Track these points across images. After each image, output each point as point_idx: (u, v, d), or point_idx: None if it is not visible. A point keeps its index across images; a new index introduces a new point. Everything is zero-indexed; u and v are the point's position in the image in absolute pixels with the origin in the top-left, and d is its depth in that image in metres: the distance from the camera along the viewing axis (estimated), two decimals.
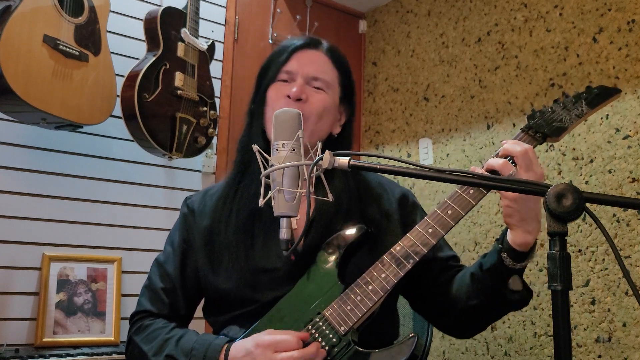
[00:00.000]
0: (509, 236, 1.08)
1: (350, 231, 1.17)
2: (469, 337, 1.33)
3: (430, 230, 1.09)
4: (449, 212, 1.09)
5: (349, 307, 1.08)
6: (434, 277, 1.26)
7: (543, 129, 1.15)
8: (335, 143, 1.29)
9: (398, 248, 1.10)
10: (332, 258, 1.15)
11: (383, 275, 1.08)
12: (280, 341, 1.03)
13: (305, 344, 1.05)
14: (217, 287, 1.21)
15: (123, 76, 2.03)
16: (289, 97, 1.21)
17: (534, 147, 1.14)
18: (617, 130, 1.94)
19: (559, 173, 2.10)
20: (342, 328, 1.07)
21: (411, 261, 1.08)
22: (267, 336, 1.05)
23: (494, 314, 1.19)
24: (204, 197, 1.32)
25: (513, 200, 1.03)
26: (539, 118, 1.16)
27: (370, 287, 1.08)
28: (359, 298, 1.08)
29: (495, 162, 1.05)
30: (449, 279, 1.23)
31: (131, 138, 2.05)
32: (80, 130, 2.01)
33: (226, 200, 1.25)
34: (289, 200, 0.96)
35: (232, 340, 1.11)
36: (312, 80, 1.24)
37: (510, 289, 1.12)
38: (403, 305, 1.74)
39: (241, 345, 1.07)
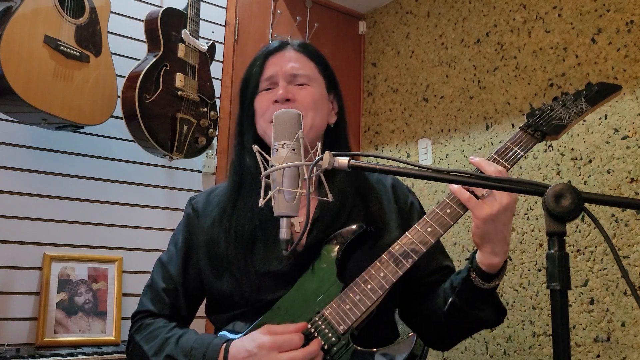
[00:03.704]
0: (478, 256, 1.09)
1: (349, 230, 1.17)
2: (440, 349, 1.35)
3: (429, 229, 1.09)
4: (448, 211, 1.09)
5: (347, 307, 1.08)
6: (419, 284, 1.25)
7: (542, 127, 1.14)
8: (333, 133, 1.31)
9: (397, 247, 1.10)
10: (332, 257, 1.15)
11: (382, 274, 1.09)
12: (284, 341, 1.03)
13: (306, 338, 1.06)
14: (220, 289, 1.21)
15: (124, 77, 2.03)
16: (276, 101, 1.21)
17: (533, 145, 1.15)
18: (616, 130, 1.95)
19: (558, 173, 2.10)
20: (341, 327, 1.07)
21: (410, 260, 1.08)
22: (269, 336, 1.04)
23: (461, 331, 1.21)
24: (208, 198, 1.33)
25: (483, 220, 1.02)
26: (538, 116, 1.16)
27: (369, 286, 1.08)
28: (357, 297, 1.08)
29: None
30: (432, 289, 1.22)
31: (132, 138, 2.06)
32: (81, 130, 2.02)
33: (223, 216, 1.25)
34: (288, 201, 0.97)
35: (230, 339, 1.11)
36: (293, 79, 1.25)
37: (476, 308, 1.12)
38: None
39: (241, 346, 1.06)
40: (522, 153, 1.13)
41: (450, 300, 1.13)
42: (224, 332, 1.19)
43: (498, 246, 1.05)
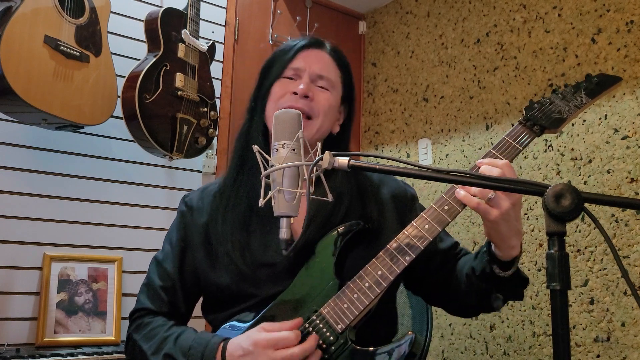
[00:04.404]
0: (495, 251, 1.09)
1: (346, 226, 1.17)
2: (472, 317, 1.39)
3: (426, 226, 1.09)
4: (446, 207, 1.09)
5: (345, 305, 1.08)
6: (437, 270, 1.27)
7: (541, 121, 1.14)
8: (334, 142, 1.31)
9: (394, 245, 1.10)
10: (329, 254, 1.15)
11: (379, 272, 1.08)
12: (280, 338, 1.03)
13: (304, 337, 1.06)
14: (217, 282, 1.21)
15: (124, 77, 2.03)
16: (295, 93, 1.22)
17: (532, 139, 1.14)
18: (616, 130, 1.95)
19: (558, 173, 2.10)
20: (339, 326, 1.07)
21: (407, 258, 1.08)
22: (265, 334, 1.04)
23: (493, 307, 1.22)
24: (202, 194, 1.33)
25: (494, 222, 1.03)
26: (537, 110, 1.15)
27: (366, 284, 1.08)
28: (355, 295, 1.08)
29: (475, 188, 1.04)
30: (451, 269, 1.24)
31: (132, 138, 2.06)
32: (81, 130, 2.02)
33: (223, 196, 1.26)
34: (288, 201, 0.97)
35: (227, 338, 1.10)
36: (317, 79, 1.26)
37: (505, 291, 1.14)
38: (402, 305, 1.75)
39: (237, 344, 1.06)
40: (520, 147, 1.13)
41: (478, 288, 1.15)
42: (232, 323, 1.18)
43: (514, 239, 1.07)
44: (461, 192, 1.06)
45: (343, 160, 0.92)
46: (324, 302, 1.10)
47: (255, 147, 1.02)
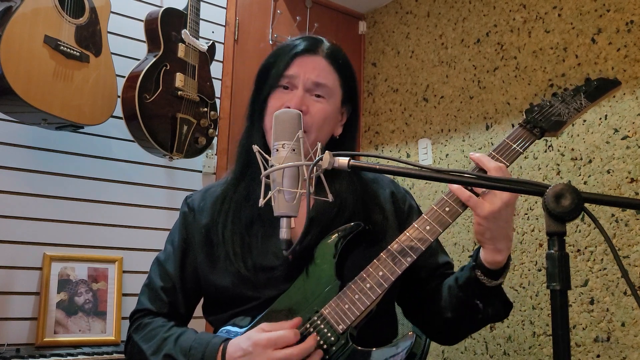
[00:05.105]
0: (481, 254, 1.09)
1: (347, 227, 1.17)
2: (449, 344, 1.35)
3: (427, 227, 1.09)
4: (447, 208, 1.09)
5: (346, 306, 1.08)
6: (423, 284, 1.26)
7: (541, 124, 1.14)
8: (337, 144, 1.29)
9: (395, 246, 1.10)
10: (330, 255, 1.15)
11: (380, 273, 1.08)
12: (279, 338, 1.03)
13: (303, 337, 1.06)
14: (216, 284, 1.21)
15: (124, 77, 2.03)
16: (289, 107, 1.21)
17: (532, 142, 1.14)
18: (616, 130, 1.95)
19: (558, 173, 2.10)
20: (340, 327, 1.07)
21: (409, 259, 1.08)
22: (264, 334, 1.04)
23: (470, 326, 1.21)
24: (204, 195, 1.33)
25: (484, 218, 1.03)
26: (537, 112, 1.15)
27: (367, 285, 1.08)
28: (356, 296, 1.08)
29: None
30: (437, 287, 1.23)
31: (132, 138, 2.06)
32: (81, 130, 2.02)
33: (225, 200, 1.26)
34: (288, 201, 0.97)
35: (228, 339, 1.10)
36: (313, 87, 1.22)
37: (484, 304, 1.13)
38: None
39: (237, 344, 1.06)
40: (521, 150, 1.13)
41: (457, 299, 1.14)
42: (227, 327, 1.18)
43: (501, 243, 1.06)
44: (454, 184, 1.06)
45: (343, 161, 0.92)
46: (325, 303, 1.10)
47: (256, 147, 1.02)
